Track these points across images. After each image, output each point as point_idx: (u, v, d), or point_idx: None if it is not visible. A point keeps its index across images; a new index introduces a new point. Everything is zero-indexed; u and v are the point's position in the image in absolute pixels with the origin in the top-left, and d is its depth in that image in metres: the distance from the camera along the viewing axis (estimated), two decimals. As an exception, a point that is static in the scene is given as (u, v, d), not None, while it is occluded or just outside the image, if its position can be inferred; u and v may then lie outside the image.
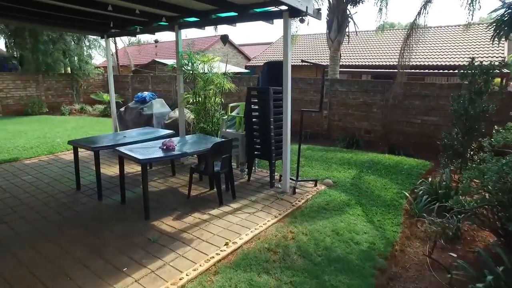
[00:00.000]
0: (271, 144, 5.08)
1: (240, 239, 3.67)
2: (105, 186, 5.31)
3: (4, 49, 18.18)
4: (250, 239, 3.69)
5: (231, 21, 5.62)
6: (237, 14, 5.33)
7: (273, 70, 5.44)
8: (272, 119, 4.97)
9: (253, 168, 5.81)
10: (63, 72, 15.43)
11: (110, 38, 9.28)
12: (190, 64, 6.17)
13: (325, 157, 7.09)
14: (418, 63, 14.59)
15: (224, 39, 6.05)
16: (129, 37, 33.33)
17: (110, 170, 6.13)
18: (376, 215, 4.27)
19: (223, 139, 4.81)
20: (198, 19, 5.80)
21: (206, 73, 6.13)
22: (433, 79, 13.90)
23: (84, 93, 16.04)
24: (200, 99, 6.27)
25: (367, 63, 17.06)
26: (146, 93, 7.71)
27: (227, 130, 5.82)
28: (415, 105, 7.80)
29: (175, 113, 7.01)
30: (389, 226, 3.97)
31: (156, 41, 19.53)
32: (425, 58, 15.25)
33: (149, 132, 5.68)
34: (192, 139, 5.19)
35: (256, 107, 5.27)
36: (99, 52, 17.20)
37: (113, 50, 19.87)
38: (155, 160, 5.09)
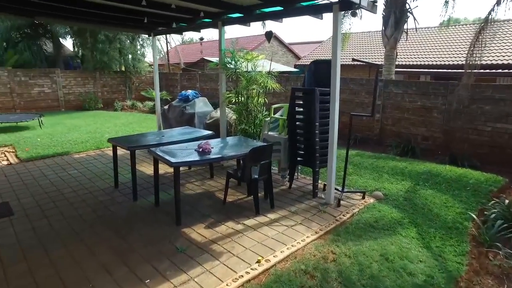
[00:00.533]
0: (315, 150, 4.64)
1: (274, 256, 3.31)
2: (143, 185, 5.26)
3: (71, 49, 19.60)
4: (286, 258, 3.31)
5: (276, 16, 5.25)
6: (282, 8, 4.96)
7: (321, 69, 4.99)
8: (317, 123, 4.53)
9: (296, 174, 5.40)
10: (117, 70, 16.12)
11: (158, 36, 9.42)
12: (233, 62, 5.92)
13: (375, 165, 6.46)
14: (489, 62, 13.04)
15: (268, 35, 5.69)
16: (182, 36, 34.35)
17: (150, 168, 6.07)
18: (434, 240, 3.66)
19: (262, 144, 4.46)
20: (241, 15, 5.52)
21: (249, 72, 5.83)
22: (506, 80, 12.34)
23: (136, 90, 16.66)
24: (242, 99, 5.99)
25: (426, 63, 15.69)
26: (189, 92, 7.62)
27: (269, 132, 5.47)
28: (485, 110, 6.83)
29: (217, 113, 6.82)
30: (451, 255, 3.36)
31: (201, 39, 19.73)
32: (498, 57, 13.59)
33: (188, 132, 5.52)
34: (232, 141, 4.91)
35: (301, 109, 4.86)
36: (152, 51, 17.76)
37: (165, 49, 20.52)
38: (188, 164, 4.88)
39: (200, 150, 4.19)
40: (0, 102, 13.26)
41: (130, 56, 15.89)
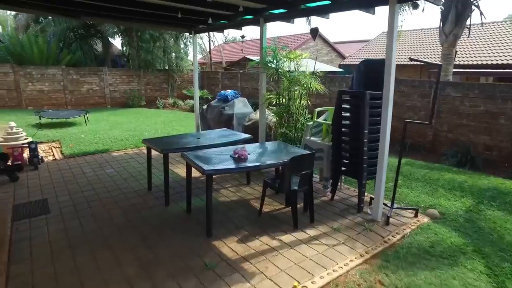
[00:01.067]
0: (362, 160, 4.15)
1: (312, 283, 2.91)
2: (176, 189, 5.07)
3: (120, 48, 20.37)
4: (325, 286, 2.89)
5: (323, 11, 4.80)
6: (330, 2, 4.50)
7: (371, 70, 4.47)
8: (366, 131, 4.04)
9: (339, 184, 4.93)
10: (161, 68, 16.44)
11: (201, 35, 9.29)
12: (274, 61, 5.56)
13: (428, 177, 5.79)
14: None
15: (314, 32, 5.26)
16: (226, 34, 34.53)
17: (185, 171, 5.90)
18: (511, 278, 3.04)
19: (303, 153, 4.05)
20: (285, 10, 5.14)
21: (292, 72, 5.44)
22: None
23: (178, 88, 16.88)
24: (283, 100, 5.62)
25: (487, 62, 14.22)
26: (228, 91, 7.38)
27: (311, 138, 5.04)
28: None
29: (256, 115, 6.50)
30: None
31: (242, 37, 19.57)
32: None
33: (226, 135, 5.25)
34: (271, 147, 4.55)
35: (348, 114, 4.39)
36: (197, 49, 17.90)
37: (208, 48, 20.64)
38: (221, 173, 4.58)
39: (236, 156, 3.88)
40: (54, 98, 14.01)
41: (173, 54, 16.11)
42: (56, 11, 6.17)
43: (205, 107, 7.64)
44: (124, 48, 18.49)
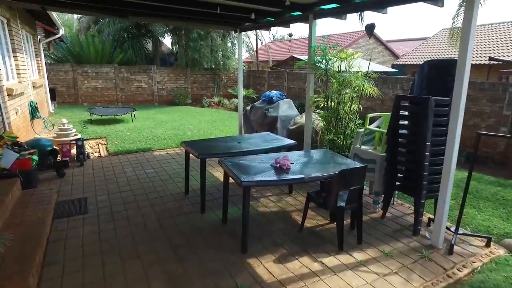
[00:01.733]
0: (422, 176, 3.58)
1: (360, 323, 2.47)
2: (214, 194, 4.84)
3: (170, 46, 20.91)
4: (376, 329, 2.44)
5: (380, 4, 4.27)
6: (392, -6, 3.97)
7: (437, 71, 3.87)
8: (428, 143, 3.47)
9: (391, 199, 4.38)
10: (208, 66, 16.53)
11: (249, 33, 9.04)
12: (323, 61, 5.11)
13: (501, 196, 5.00)
14: None
15: (370, 29, 4.73)
16: (274, 33, 34.22)
17: (224, 174, 5.67)
18: None
19: (353, 165, 3.58)
20: (337, 5, 4.67)
21: (342, 73, 4.96)
22: None
23: (223, 87, 16.87)
24: (332, 104, 5.15)
25: None
26: (273, 92, 7.03)
27: (362, 147, 4.53)
28: None
29: (302, 119, 6.08)
30: None
31: (290, 35, 19.03)
32: None
33: (268, 140, 4.91)
34: (316, 156, 4.12)
35: (407, 122, 3.84)
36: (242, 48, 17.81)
37: (255, 46, 20.46)
38: (260, 185, 4.23)
39: (277, 166, 3.52)
40: (106, 95, 14.63)
41: (220, 53, 16.11)
42: (105, 11, 6.23)
43: (248, 108, 7.36)
44: (173, 47, 18.93)
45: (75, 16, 20.99)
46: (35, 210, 3.99)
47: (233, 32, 7.59)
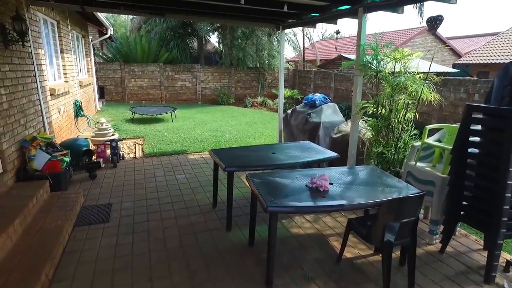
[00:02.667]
0: (500, 210, 2.82)
1: None
2: (244, 208, 4.39)
3: (217, 45, 20.92)
4: None
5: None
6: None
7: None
8: (511, 168, 2.70)
9: (454, 230, 3.61)
10: (252, 66, 16.20)
11: (295, 31, 8.48)
12: (374, 61, 4.42)
13: None
14: None
15: (435, 22, 3.95)
16: (322, 31, 33.09)
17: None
18: None
19: (408, 194, 2.89)
20: (394, -5, 3.96)
21: (396, 76, 4.24)
22: None
23: (268, 86, 16.42)
24: (383, 111, 4.45)
25: None
26: (317, 96, 6.41)
27: (418, 164, 3.81)
28: None
29: (347, 126, 5.41)
30: None
31: (337, 32, 17.91)
32: None
33: (307, 149, 4.36)
34: (362, 174, 3.48)
35: (479, 138, 3.08)
36: (288, 47, 17.20)
37: (302, 45, 19.74)
38: (290, 212, 3.65)
39: (313, 187, 2.97)
40: (151, 94, 14.87)
41: (265, 52, 15.67)
42: (142, 10, 6.04)
43: (289, 111, 6.81)
44: (219, 46, 18.86)
45: (129, 17, 21.79)
46: (57, 216, 3.83)
47: (276, 30, 7.05)
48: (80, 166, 5.66)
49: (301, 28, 18.39)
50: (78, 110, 8.27)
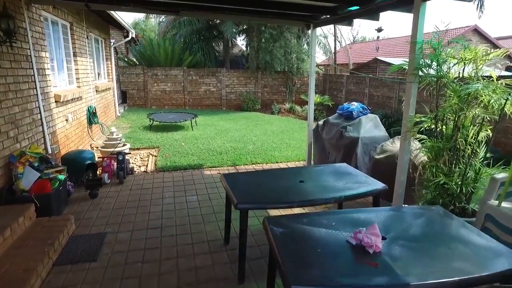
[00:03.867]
0: None
1: None
2: (262, 247, 3.50)
3: (243, 48, 20.22)
4: None
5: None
6: None
7: None
8: None
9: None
10: (279, 70, 15.33)
11: (325, 32, 7.55)
12: (433, 64, 3.40)
13: None
14: None
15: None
16: (354, 34, 31.71)
17: (282, 212, 4.29)
18: None
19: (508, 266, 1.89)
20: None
21: (467, 82, 3.21)
22: None
23: (296, 92, 15.46)
24: (445, 128, 3.43)
25: None
26: (354, 105, 5.43)
27: (504, 205, 2.76)
28: None
29: (393, 145, 4.40)
30: None
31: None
32: None
33: (344, 175, 3.43)
34: (424, 222, 2.47)
35: None
36: (318, 50, 16.18)
37: (333, 47, 18.64)
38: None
39: (358, 242, 2.04)
40: (174, 98, 14.36)
41: (294, 55, 14.74)
42: (153, 7, 5.35)
43: (321, 123, 5.85)
44: (245, 49, 18.14)
45: (157, 21, 21.59)
46: (31, 254, 3.11)
47: (306, 28, 6.14)
48: (81, 183, 5.02)
49: (332, 30, 17.28)
50: (91, 117, 7.74)
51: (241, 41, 17.93)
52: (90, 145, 7.74)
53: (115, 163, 5.58)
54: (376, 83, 12.12)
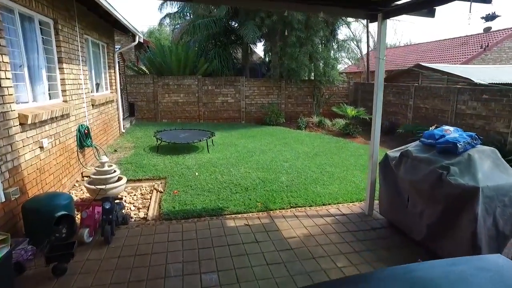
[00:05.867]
0: None
1: None
2: None
3: (262, 55, 18.57)
4: None
5: None
6: None
7: None
8: None
9: None
10: (305, 78, 13.58)
11: (351, 35, 5.81)
12: None
13: None
14: None
15: None
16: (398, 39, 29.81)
17: None
18: None
19: None
20: None
21: None
22: None
23: (325, 103, 13.65)
24: None
25: None
26: (450, 131, 3.62)
27: None
28: None
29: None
30: None
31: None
32: None
33: (462, 281, 1.60)
34: None
35: None
36: (348, 55, 14.37)
37: (364, 52, 16.78)
38: None
39: None
40: (188, 111, 12.78)
41: (321, 62, 12.98)
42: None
43: (393, 154, 4.03)
44: (266, 55, 16.50)
45: (172, 26, 20.22)
46: None
47: (369, 21, 4.40)
48: (42, 249, 3.35)
49: (364, 33, 15.37)
50: (83, 138, 6.15)
51: (261, 47, 16.26)
52: (81, 173, 6.14)
53: (101, 213, 3.90)
54: (425, 94, 10.21)
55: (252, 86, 13.17)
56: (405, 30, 62.78)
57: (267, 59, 15.51)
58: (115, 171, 4.81)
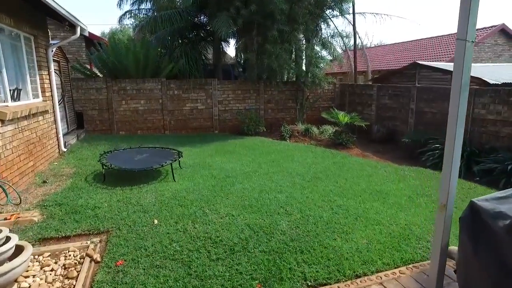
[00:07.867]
0: None
1: None
2: None
3: (234, 55, 16.70)
4: None
5: None
6: None
7: None
8: None
9: None
10: (286, 79, 11.91)
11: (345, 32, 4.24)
12: None
13: None
14: None
15: None
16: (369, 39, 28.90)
17: None
18: None
19: None
20: None
21: None
22: None
23: (310, 108, 12.03)
24: None
25: None
26: None
27: None
28: None
29: None
30: None
31: None
32: None
33: None
34: None
35: None
36: (333, 53, 12.79)
37: (349, 52, 15.35)
38: None
39: None
40: (150, 120, 10.71)
41: (305, 60, 11.35)
42: None
43: (489, 205, 2.35)
44: (238, 55, 14.68)
45: (132, 25, 17.91)
46: None
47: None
48: None
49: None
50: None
51: (233, 48, 14.38)
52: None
53: None
54: (430, 96, 8.80)
55: (226, 89, 11.30)
56: (375, 31, 63.41)
57: (242, 59, 13.67)
58: (6, 241, 2.79)
